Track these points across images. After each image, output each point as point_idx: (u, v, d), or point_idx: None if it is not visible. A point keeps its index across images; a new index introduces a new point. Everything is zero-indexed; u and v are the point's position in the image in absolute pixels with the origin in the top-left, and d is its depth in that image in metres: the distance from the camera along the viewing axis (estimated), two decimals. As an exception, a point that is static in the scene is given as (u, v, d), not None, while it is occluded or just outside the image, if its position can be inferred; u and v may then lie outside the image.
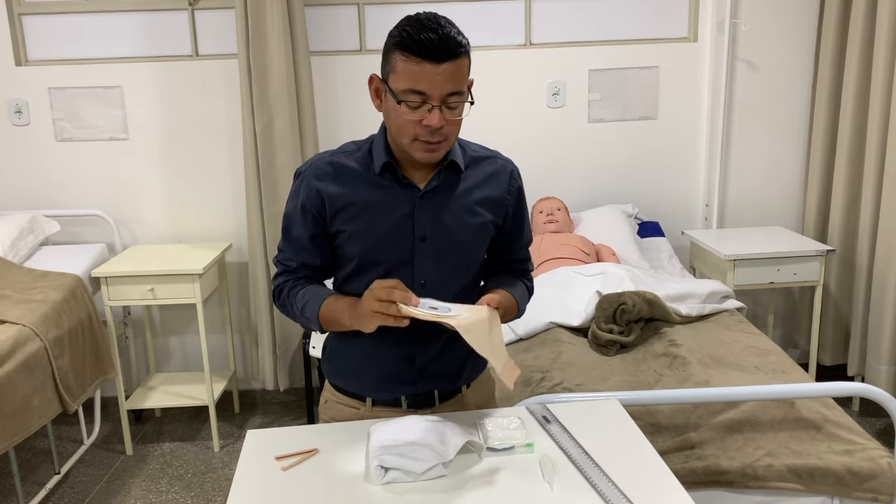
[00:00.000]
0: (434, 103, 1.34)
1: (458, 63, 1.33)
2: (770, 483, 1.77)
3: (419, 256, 1.47)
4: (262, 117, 3.13)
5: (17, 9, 3.24)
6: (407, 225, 1.46)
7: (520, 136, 3.46)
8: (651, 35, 3.41)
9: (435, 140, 1.38)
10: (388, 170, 1.47)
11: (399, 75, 1.34)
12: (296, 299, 1.50)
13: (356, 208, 1.46)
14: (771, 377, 2.10)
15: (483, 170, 1.54)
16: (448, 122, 1.37)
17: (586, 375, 2.11)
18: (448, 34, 1.31)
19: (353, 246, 1.48)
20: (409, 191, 1.47)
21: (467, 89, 1.39)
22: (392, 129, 1.42)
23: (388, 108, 1.40)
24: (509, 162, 1.60)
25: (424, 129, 1.36)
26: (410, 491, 1.23)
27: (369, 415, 1.54)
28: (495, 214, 1.54)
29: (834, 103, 3.31)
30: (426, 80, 1.32)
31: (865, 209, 3.15)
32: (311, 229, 1.49)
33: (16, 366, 2.36)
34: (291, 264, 1.53)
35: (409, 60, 1.31)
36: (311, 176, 1.49)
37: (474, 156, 1.55)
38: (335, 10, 3.30)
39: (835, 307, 3.36)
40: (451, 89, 1.34)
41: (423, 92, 1.33)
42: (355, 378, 1.55)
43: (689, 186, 3.56)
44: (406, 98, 1.34)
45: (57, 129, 3.33)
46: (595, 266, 2.71)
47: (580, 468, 1.28)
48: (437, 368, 1.54)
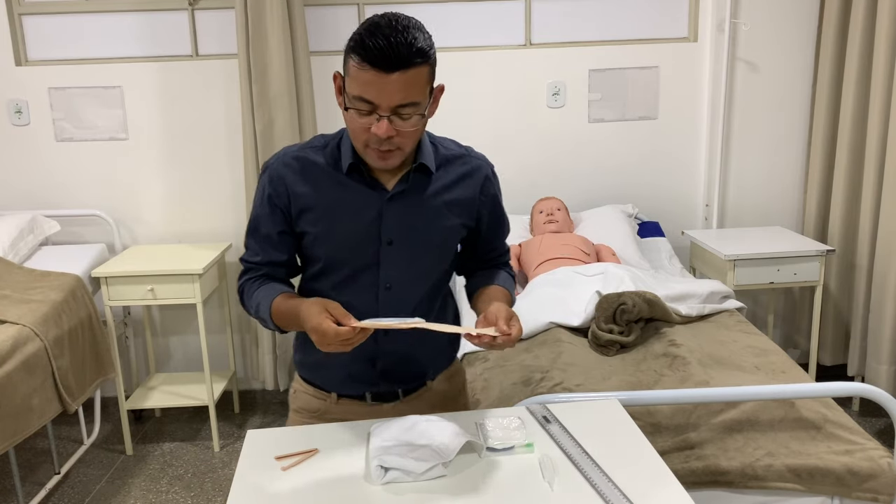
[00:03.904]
0: (382, 113, 1.28)
1: (413, 72, 1.26)
2: (770, 483, 1.77)
3: (385, 260, 1.44)
4: (262, 117, 3.13)
5: (17, 9, 3.24)
6: (373, 228, 1.43)
7: (520, 136, 3.46)
8: (651, 35, 3.41)
9: (385, 149, 1.33)
10: (356, 170, 1.43)
11: (351, 80, 1.29)
12: (251, 299, 1.47)
13: (321, 210, 1.43)
14: (771, 377, 2.10)
15: (455, 170, 1.50)
16: (398, 133, 1.31)
17: (586, 375, 2.11)
18: (403, 41, 1.24)
19: (317, 248, 1.45)
20: (377, 192, 1.43)
21: (430, 97, 1.34)
22: (350, 134, 1.39)
23: (344, 112, 1.36)
24: (483, 161, 1.55)
25: (374, 136, 1.31)
26: (410, 491, 1.23)
27: (335, 407, 1.55)
28: (466, 217, 1.50)
29: (834, 103, 3.31)
30: (375, 88, 1.26)
31: (865, 209, 3.15)
32: (279, 224, 1.45)
33: (16, 366, 2.36)
34: (257, 260, 1.49)
35: (360, 67, 1.25)
36: (279, 171, 1.44)
37: (447, 154, 1.51)
38: (335, 10, 3.30)
39: (835, 307, 3.36)
40: (401, 100, 1.27)
41: (371, 101, 1.27)
42: (321, 373, 1.55)
43: (689, 186, 3.56)
44: (355, 105, 1.29)
45: (57, 129, 3.33)
46: (595, 266, 2.71)
47: (580, 468, 1.28)
48: (400, 370, 1.53)
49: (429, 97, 1.34)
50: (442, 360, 1.61)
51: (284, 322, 1.42)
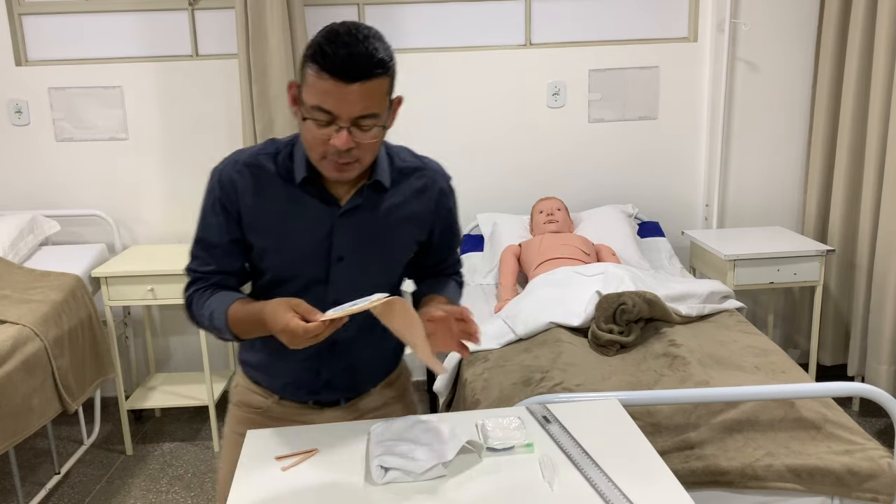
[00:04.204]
0: (342, 124, 1.25)
1: (373, 83, 1.23)
2: (770, 483, 1.77)
3: (335, 276, 1.42)
4: (262, 117, 3.13)
5: (17, 9, 3.24)
6: (324, 245, 1.39)
7: (520, 137, 3.46)
8: (651, 35, 3.41)
9: (343, 161, 1.29)
10: (310, 183, 1.38)
11: (309, 89, 1.25)
12: (203, 309, 1.40)
13: (271, 223, 1.38)
14: (771, 377, 2.10)
15: (410, 185, 1.45)
16: (358, 145, 1.27)
17: (586, 375, 2.11)
18: (364, 51, 1.21)
19: (265, 261, 1.42)
20: (330, 207, 1.39)
21: (389, 109, 1.32)
22: (304, 144, 1.33)
23: (300, 122, 1.31)
24: (439, 173, 1.50)
25: (332, 148, 1.27)
26: (410, 491, 1.23)
27: (276, 407, 1.54)
28: (419, 232, 1.47)
29: (834, 103, 3.31)
30: (334, 99, 1.22)
31: (865, 209, 3.15)
32: (232, 232, 1.40)
33: (16, 366, 2.36)
34: (207, 269, 1.42)
35: (319, 76, 1.22)
36: (231, 176, 1.38)
37: (402, 167, 1.46)
38: (335, 10, 3.30)
39: (835, 307, 3.36)
40: (361, 112, 1.24)
41: (331, 111, 1.24)
42: (266, 375, 1.53)
43: (689, 186, 3.56)
44: (313, 115, 1.25)
45: (57, 129, 3.33)
46: (595, 266, 2.71)
47: (580, 468, 1.28)
48: (342, 381, 1.52)
49: (388, 109, 1.32)
50: (386, 367, 1.60)
51: (244, 328, 1.37)
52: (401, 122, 3.38)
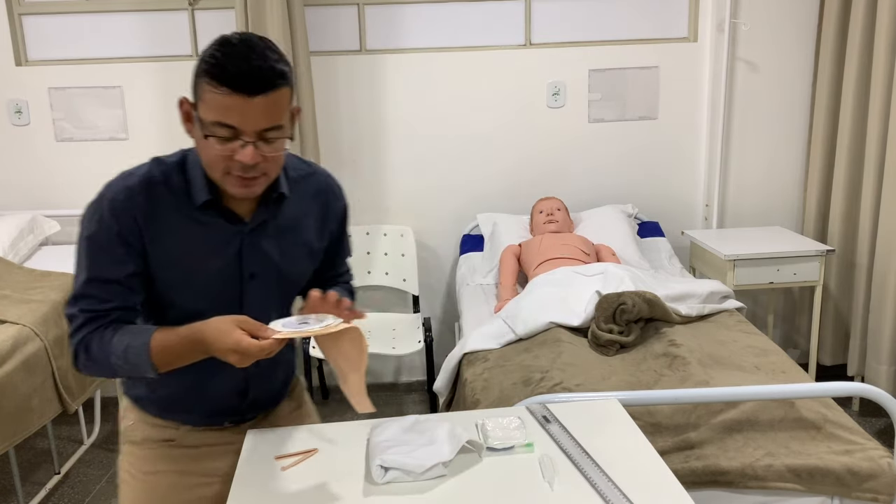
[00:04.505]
0: (247, 139, 1.19)
1: (275, 95, 1.19)
2: (770, 483, 1.77)
3: (247, 296, 1.36)
4: (262, 117, 3.12)
5: (17, 9, 3.24)
6: (234, 264, 1.33)
7: (520, 137, 3.46)
8: (651, 35, 3.41)
9: (250, 175, 1.23)
10: (212, 205, 1.31)
11: (207, 105, 1.19)
12: (109, 347, 1.26)
13: (177, 251, 1.29)
14: (771, 377, 2.10)
15: (306, 191, 1.42)
16: (264, 159, 1.22)
17: (586, 375, 2.11)
18: (265, 64, 1.17)
19: (173, 293, 1.32)
20: (236, 226, 1.33)
21: (290, 121, 1.27)
22: (203, 161, 1.26)
23: (197, 137, 1.24)
24: (330, 177, 1.48)
25: (237, 164, 1.21)
26: (410, 491, 1.23)
27: (188, 436, 1.46)
28: (321, 238, 1.45)
29: (834, 103, 3.31)
30: (237, 113, 1.17)
31: (865, 209, 3.15)
32: (132, 264, 1.28)
33: (16, 366, 2.36)
34: (105, 307, 1.28)
35: (219, 90, 1.16)
36: (124, 204, 1.27)
37: (295, 176, 1.42)
38: (335, 10, 3.30)
39: (835, 307, 3.36)
40: (266, 125, 1.20)
41: (234, 126, 1.18)
42: (178, 410, 1.44)
43: (688, 186, 3.56)
44: (214, 131, 1.19)
45: (57, 129, 3.33)
46: (595, 266, 2.71)
47: (580, 468, 1.28)
48: (264, 398, 1.50)
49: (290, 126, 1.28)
50: (290, 376, 1.58)
51: (172, 357, 1.26)
52: (401, 122, 3.41)
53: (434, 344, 3.18)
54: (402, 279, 3.43)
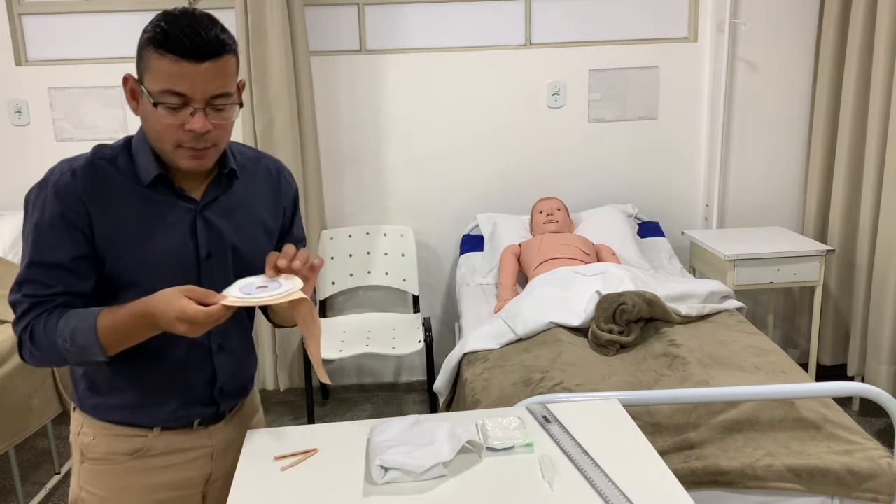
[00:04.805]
0: (197, 106, 1.20)
1: (222, 62, 1.20)
2: (770, 483, 1.77)
3: (205, 276, 1.33)
4: (262, 117, 3.13)
5: (17, 9, 3.24)
6: (189, 243, 1.31)
7: (520, 137, 3.46)
8: (651, 35, 3.41)
9: (201, 146, 1.24)
10: (161, 181, 1.29)
11: (155, 75, 1.19)
12: (54, 333, 1.22)
13: (127, 232, 1.27)
14: (771, 377, 2.10)
15: (256, 172, 1.44)
16: (215, 127, 1.23)
17: (586, 375, 2.11)
18: (210, 31, 1.18)
19: (127, 274, 1.28)
20: (188, 204, 1.32)
21: (237, 91, 1.27)
22: (152, 135, 1.26)
23: (145, 112, 1.24)
24: (278, 161, 1.50)
25: (188, 135, 1.21)
26: (410, 491, 1.23)
27: (157, 442, 1.38)
28: (275, 217, 1.45)
29: (834, 103, 3.31)
30: (186, 80, 1.18)
31: (865, 209, 3.15)
32: (79, 247, 1.24)
33: (16, 366, 2.36)
34: (50, 292, 1.24)
35: (166, 58, 1.17)
36: (70, 185, 1.24)
37: (243, 160, 1.43)
38: (335, 10, 3.30)
39: (835, 307, 3.36)
40: (215, 90, 1.20)
41: (184, 94, 1.19)
42: (144, 410, 1.37)
43: (689, 186, 3.56)
44: (164, 100, 1.19)
45: (57, 129, 3.33)
46: (595, 266, 2.71)
47: (580, 468, 1.28)
48: (233, 385, 1.46)
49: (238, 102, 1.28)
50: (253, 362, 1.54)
51: (120, 336, 1.22)
52: (401, 122, 3.41)
53: (434, 344, 3.18)
54: (402, 279, 3.43)
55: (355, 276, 3.44)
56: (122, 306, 1.23)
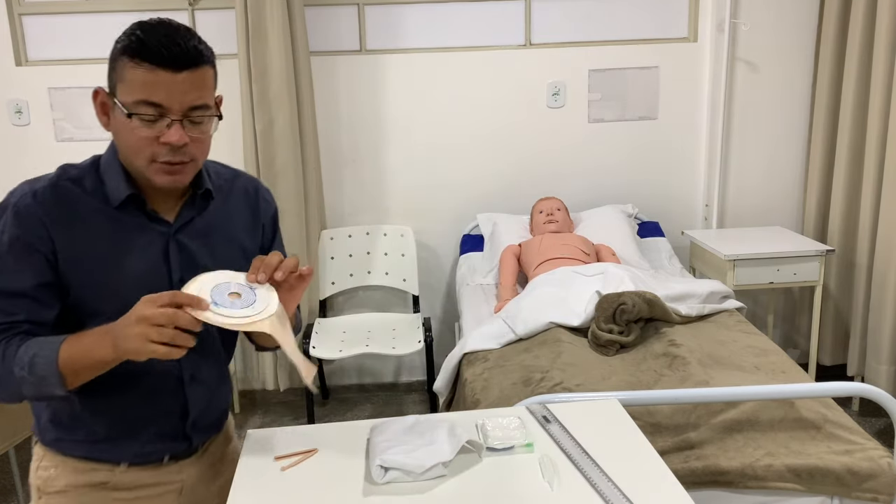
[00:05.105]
0: (174, 117, 1.14)
1: (200, 72, 1.15)
2: (770, 483, 1.77)
3: None
4: (262, 117, 3.13)
5: (17, 9, 3.24)
6: (161, 268, 1.24)
7: (520, 137, 3.46)
8: (651, 35, 3.41)
9: (177, 160, 1.17)
10: (132, 202, 1.22)
11: (129, 85, 1.14)
12: (16, 357, 1.12)
13: (94, 256, 1.19)
14: (771, 377, 2.10)
15: (233, 192, 1.36)
16: (193, 140, 1.17)
17: (586, 375, 2.11)
18: (188, 40, 1.14)
19: (94, 302, 1.20)
20: (160, 226, 1.25)
21: (216, 105, 1.21)
22: (125, 150, 1.20)
23: (118, 126, 1.19)
24: (257, 181, 1.43)
25: (163, 148, 1.15)
26: (410, 491, 1.23)
27: (124, 477, 1.31)
28: (253, 237, 1.38)
29: (834, 103, 3.31)
30: (163, 89, 1.12)
31: (865, 209, 3.15)
32: (41, 275, 1.17)
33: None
34: (12, 319, 1.16)
35: (141, 67, 1.12)
36: (32, 209, 1.17)
37: (220, 181, 1.35)
38: (335, 10, 3.30)
39: (835, 307, 3.36)
40: (193, 101, 1.15)
41: (160, 104, 1.13)
42: (110, 445, 1.29)
43: (689, 186, 3.56)
44: (139, 110, 1.14)
45: (57, 129, 3.33)
46: (595, 266, 2.71)
47: (580, 468, 1.28)
48: (207, 419, 1.38)
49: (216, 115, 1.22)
50: (228, 395, 1.47)
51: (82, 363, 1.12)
52: (401, 122, 3.41)
53: (434, 344, 3.18)
54: (402, 279, 3.43)
55: (355, 276, 3.44)
56: (84, 336, 1.14)
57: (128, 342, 1.06)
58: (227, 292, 1.15)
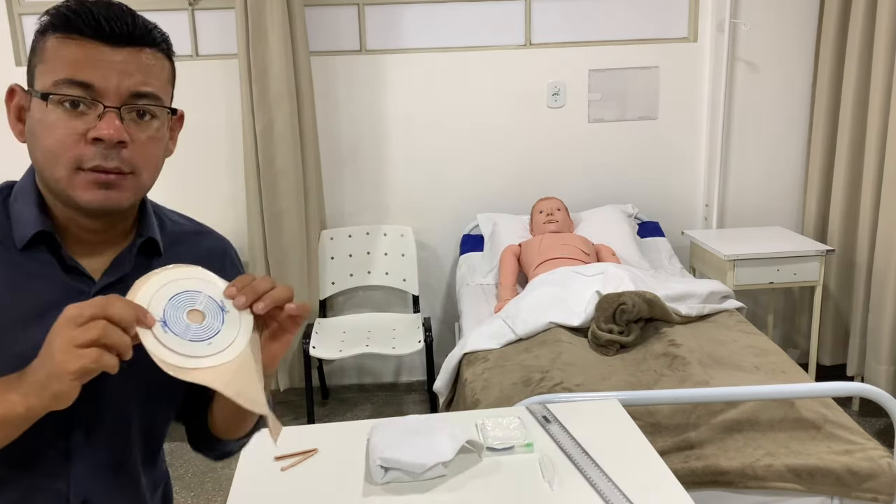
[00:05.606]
0: (108, 103, 0.85)
1: (148, 55, 0.88)
2: (770, 483, 1.77)
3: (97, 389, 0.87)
4: (262, 117, 3.13)
5: (17, 9, 3.24)
6: None
7: (520, 137, 3.46)
8: (651, 35, 3.41)
9: (111, 166, 0.86)
10: (42, 241, 0.91)
11: (51, 65, 0.85)
12: None
13: None
14: (771, 377, 2.10)
15: (191, 250, 1.04)
16: (133, 142, 0.87)
17: (586, 375, 2.12)
18: (131, 17, 0.88)
19: None
20: (78, 282, 0.91)
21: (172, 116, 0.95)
22: (42, 161, 0.89)
23: (33, 127, 0.88)
24: (225, 241, 1.11)
25: (91, 149, 0.85)
26: (410, 491, 1.23)
27: None
28: None
29: (834, 103, 3.32)
30: (96, 67, 0.84)
31: (865, 209, 3.15)
32: None
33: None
34: None
35: (70, 42, 0.84)
36: None
37: (176, 231, 1.05)
38: (335, 10, 3.30)
39: (835, 307, 3.36)
40: (136, 87, 0.86)
41: (90, 84, 0.84)
42: None
43: (689, 186, 3.56)
44: (61, 93, 0.84)
45: (57, 129, 3.33)
46: (595, 266, 2.71)
47: (580, 468, 1.28)
48: None
49: (169, 110, 0.94)
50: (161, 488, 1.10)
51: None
52: (401, 121, 3.41)
53: (434, 344, 3.18)
54: (402, 279, 3.43)
55: (355, 276, 3.44)
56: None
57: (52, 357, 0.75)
58: (189, 308, 0.83)
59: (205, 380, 0.79)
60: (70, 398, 0.76)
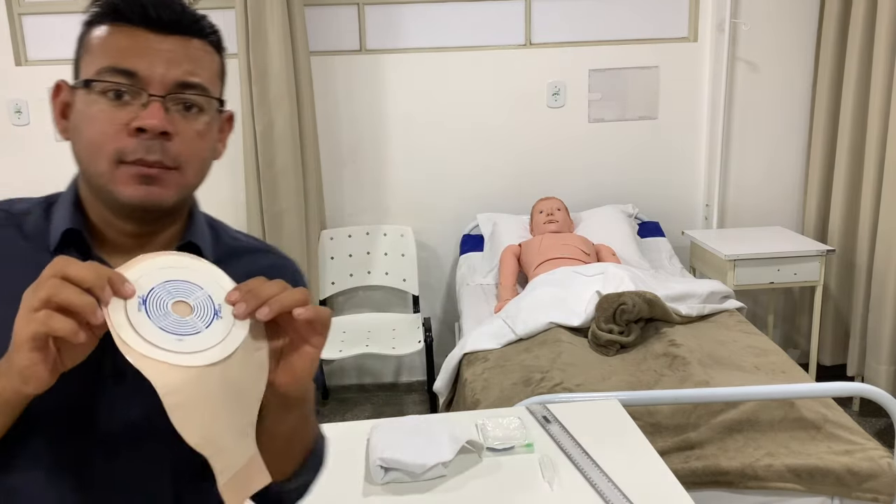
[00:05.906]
0: (154, 92, 0.81)
1: (197, 46, 0.85)
2: (770, 483, 1.77)
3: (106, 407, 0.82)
4: (262, 118, 3.13)
5: (17, 9, 3.24)
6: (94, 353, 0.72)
7: (520, 136, 3.46)
8: (651, 35, 3.41)
9: (153, 159, 0.81)
10: (74, 244, 0.86)
11: (95, 55, 0.82)
12: None
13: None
14: (771, 377, 2.10)
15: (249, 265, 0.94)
16: (179, 134, 0.83)
17: (586, 375, 2.12)
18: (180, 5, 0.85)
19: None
20: None
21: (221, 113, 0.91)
22: (84, 156, 0.86)
23: (76, 121, 0.85)
24: (290, 262, 1.02)
25: (134, 141, 0.81)
26: (410, 491, 1.23)
27: None
28: None
29: (834, 103, 3.32)
30: (140, 54, 0.81)
31: (865, 209, 3.15)
32: None
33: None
34: None
35: (115, 31, 0.82)
36: None
37: (236, 246, 0.99)
38: (335, 10, 3.30)
39: (835, 307, 3.36)
40: (182, 76, 0.82)
41: (135, 72, 0.81)
42: None
43: (689, 186, 3.56)
44: (104, 80, 0.81)
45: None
46: (595, 266, 2.71)
47: (580, 468, 1.28)
48: None
49: (220, 104, 0.89)
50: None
51: None
52: (401, 121, 3.41)
53: (434, 344, 3.18)
54: (402, 279, 3.43)
55: (355, 276, 3.44)
56: None
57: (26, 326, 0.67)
58: (178, 298, 0.72)
59: (149, 374, 0.66)
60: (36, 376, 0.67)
